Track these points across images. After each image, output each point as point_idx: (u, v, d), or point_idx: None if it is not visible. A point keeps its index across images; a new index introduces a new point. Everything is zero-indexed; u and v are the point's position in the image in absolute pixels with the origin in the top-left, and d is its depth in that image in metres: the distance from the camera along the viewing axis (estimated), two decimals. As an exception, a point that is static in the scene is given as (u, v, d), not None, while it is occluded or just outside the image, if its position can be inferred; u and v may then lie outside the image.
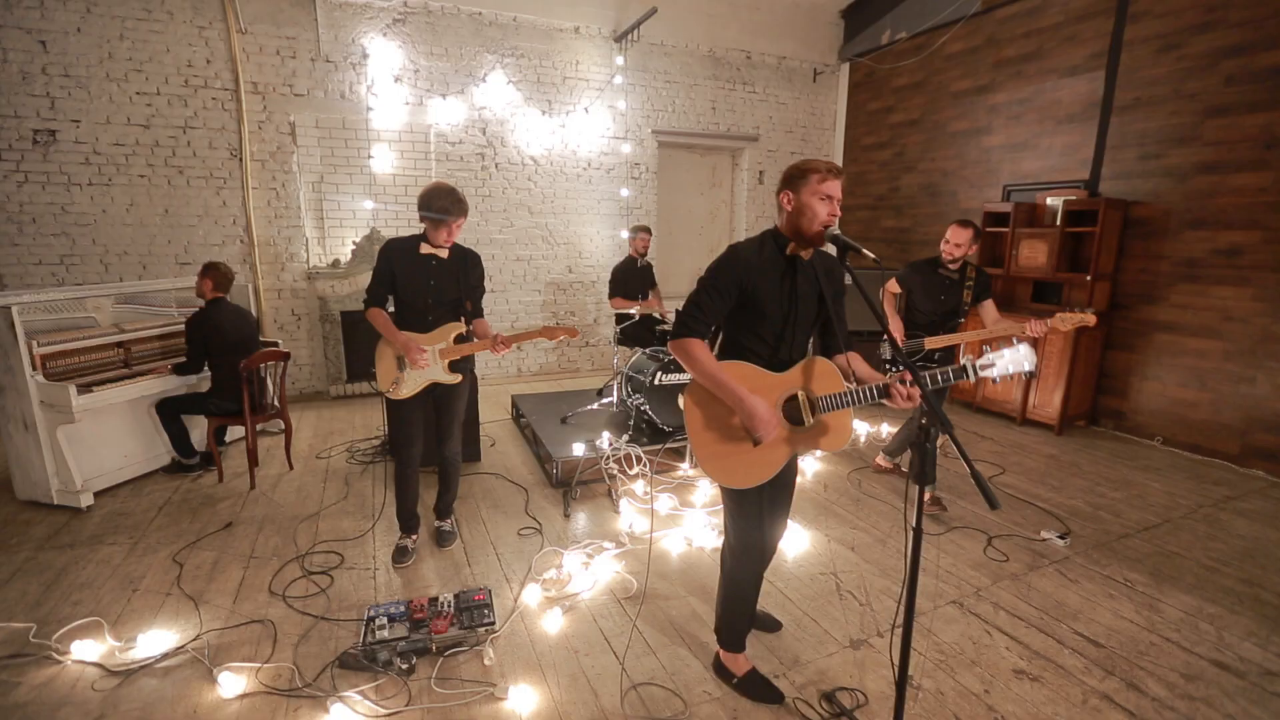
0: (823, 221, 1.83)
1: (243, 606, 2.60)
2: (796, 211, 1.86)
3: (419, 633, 2.37)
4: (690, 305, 1.90)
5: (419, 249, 2.81)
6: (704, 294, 1.89)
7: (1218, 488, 3.97)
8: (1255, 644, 2.48)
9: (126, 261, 5.08)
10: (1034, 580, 2.91)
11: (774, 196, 1.97)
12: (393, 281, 2.81)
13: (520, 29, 5.94)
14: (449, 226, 2.75)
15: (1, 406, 3.39)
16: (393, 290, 2.84)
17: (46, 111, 4.72)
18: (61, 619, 2.49)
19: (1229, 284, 4.25)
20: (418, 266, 2.81)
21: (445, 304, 2.89)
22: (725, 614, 2.20)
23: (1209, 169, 4.30)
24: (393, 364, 2.86)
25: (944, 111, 6.19)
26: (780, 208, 1.92)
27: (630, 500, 3.61)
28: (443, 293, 2.87)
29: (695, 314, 1.89)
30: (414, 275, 2.81)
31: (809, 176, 1.82)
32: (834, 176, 1.82)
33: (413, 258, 2.80)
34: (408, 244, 2.82)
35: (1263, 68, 4.01)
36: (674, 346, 1.91)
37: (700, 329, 1.88)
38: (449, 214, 2.73)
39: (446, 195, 2.72)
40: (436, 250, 2.81)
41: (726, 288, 1.88)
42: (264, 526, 3.29)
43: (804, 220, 1.85)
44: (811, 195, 1.83)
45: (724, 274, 1.88)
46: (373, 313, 2.82)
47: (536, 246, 6.41)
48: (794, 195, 1.86)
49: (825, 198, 1.82)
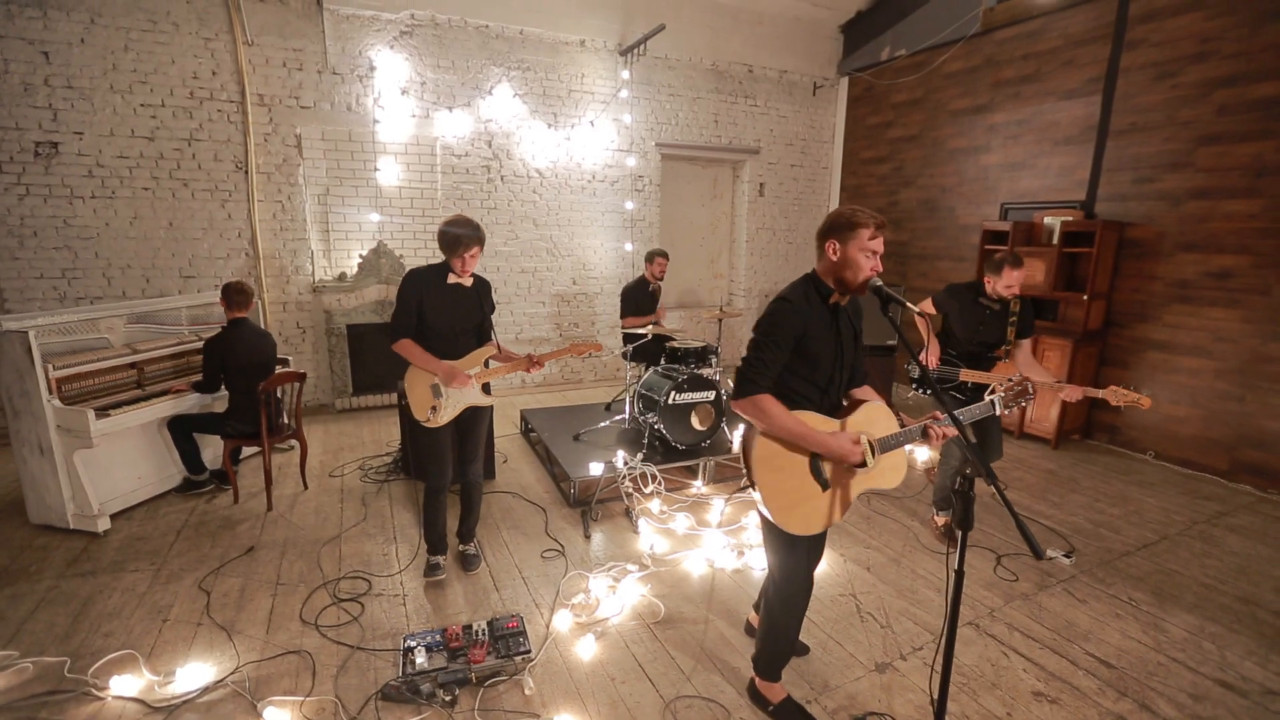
0: (865, 275, 1.90)
1: (276, 636, 2.62)
2: (841, 263, 1.92)
3: (457, 662, 2.41)
4: (753, 361, 1.94)
5: (446, 278, 2.85)
6: (764, 349, 1.93)
7: (1209, 503, 4.13)
8: (1255, 663, 2.61)
9: (130, 275, 5.02)
10: (1044, 600, 3.02)
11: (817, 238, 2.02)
12: (421, 309, 2.85)
13: (527, 42, 5.95)
14: (464, 255, 2.79)
15: (16, 431, 3.35)
16: (421, 318, 2.87)
17: (49, 123, 4.64)
18: (95, 652, 2.49)
19: (1220, 305, 4.42)
20: (445, 295, 2.86)
21: (470, 330, 2.97)
22: (767, 646, 2.25)
23: (1201, 194, 4.46)
24: (427, 392, 2.88)
25: (943, 129, 6.32)
26: (822, 253, 1.98)
27: (648, 520, 3.67)
28: (469, 319, 2.94)
29: (759, 369, 1.92)
30: (442, 304, 2.85)
31: (859, 232, 1.87)
32: (882, 233, 1.88)
33: (440, 287, 2.85)
34: (433, 273, 2.86)
35: (1254, 99, 4.17)
36: (742, 405, 1.93)
37: (766, 384, 1.92)
38: (461, 243, 2.77)
39: (460, 224, 2.78)
40: (461, 279, 2.87)
41: (785, 340, 1.93)
42: (286, 551, 3.30)
43: (848, 273, 1.92)
44: (858, 250, 1.89)
45: (782, 327, 1.92)
46: (404, 344, 2.83)
47: (541, 259, 6.43)
48: (840, 247, 1.91)
49: (871, 253, 1.89)
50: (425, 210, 5.85)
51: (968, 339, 3.36)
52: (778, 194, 7.59)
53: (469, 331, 2.96)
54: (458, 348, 2.92)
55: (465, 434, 3.03)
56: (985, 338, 3.32)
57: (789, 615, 2.18)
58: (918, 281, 6.68)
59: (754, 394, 1.92)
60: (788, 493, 1.98)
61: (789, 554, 2.10)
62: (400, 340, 2.83)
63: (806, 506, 2.01)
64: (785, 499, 1.99)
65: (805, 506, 2.00)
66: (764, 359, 1.93)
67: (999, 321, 3.29)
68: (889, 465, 2.08)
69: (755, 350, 1.95)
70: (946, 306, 3.42)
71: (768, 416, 1.90)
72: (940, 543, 3.54)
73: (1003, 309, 3.30)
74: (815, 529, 2.02)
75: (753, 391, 1.92)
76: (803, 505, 2.00)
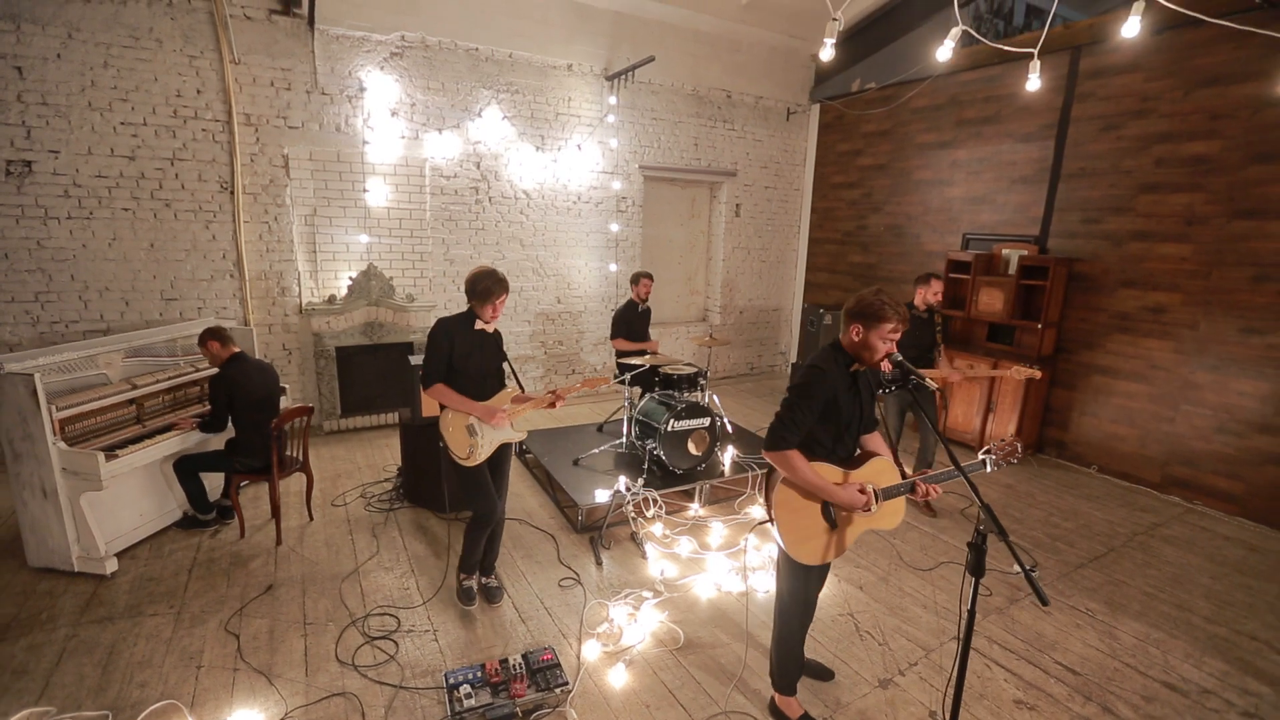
0: (880, 357, 2.21)
1: (317, 679, 2.70)
2: (862, 344, 2.23)
3: (500, 697, 2.57)
4: (786, 420, 2.20)
5: (472, 325, 3.03)
6: (797, 410, 2.19)
7: (1146, 514, 4.65)
8: (1192, 665, 3.03)
9: (108, 298, 4.86)
10: (1016, 614, 3.39)
11: (844, 315, 2.30)
12: (451, 356, 2.99)
13: (516, 65, 6.02)
14: (494, 304, 3.01)
15: (16, 474, 3.27)
16: (451, 364, 3.01)
17: (22, 141, 4.45)
18: (134, 704, 2.52)
19: (1155, 337, 4.95)
20: (474, 342, 3.04)
21: (495, 372, 3.16)
22: (779, 660, 2.55)
23: (1141, 236, 4.97)
24: (464, 434, 3.03)
25: (910, 160, 6.73)
26: (846, 331, 2.27)
27: (654, 545, 3.88)
28: (494, 362, 3.15)
29: (792, 427, 2.19)
30: (472, 350, 3.03)
31: (882, 325, 2.16)
32: (903, 326, 2.18)
33: (469, 334, 3.02)
34: (461, 322, 3.03)
35: (1186, 155, 4.69)
36: (774, 456, 2.20)
37: (795, 440, 2.20)
38: (492, 293, 2.99)
39: (490, 276, 2.99)
40: (486, 326, 3.06)
41: (816, 403, 2.21)
42: (307, 588, 3.35)
43: (866, 353, 2.23)
44: (879, 338, 2.19)
45: (815, 392, 2.20)
46: (437, 388, 2.97)
47: (527, 278, 6.53)
48: (864, 332, 2.21)
49: (889, 340, 2.19)
50: (414, 231, 5.86)
51: (910, 343, 4.25)
52: (753, 214, 7.90)
53: (494, 374, 3.16)
54: (485, 390, 3.10)
55: (495, 469, 3.20)
56: (919, 340, 4.29)
57: (796, 631, 2.49)
58: (885, 303, 7.10)
59: (785, 449, 2.19)
60: (802, 529, 2.29)
61: (798, 580, 2.42)
62: (434, 385, 2.97)
63: (817, 541, 2.32)
64: (799, 534, 2.30)
65: (816, 541, 2.32)
66: (796, 419, 2.20)
67: (929, 327, 4.34)
68: (889, 510, 2.41)
69: (789, 409, 2.22)
70: None
71: (794, 470, 2.19)
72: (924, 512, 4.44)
73: (929, 317, 4.34)
74: (817, 561, 2.34)
75: (784, 446, 2.20)
76: (814, 540, 2.31)
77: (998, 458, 2.37)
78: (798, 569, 2.38)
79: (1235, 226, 4.47)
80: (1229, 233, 4.51)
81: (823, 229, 7.94)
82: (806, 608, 2.50)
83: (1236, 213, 4.47)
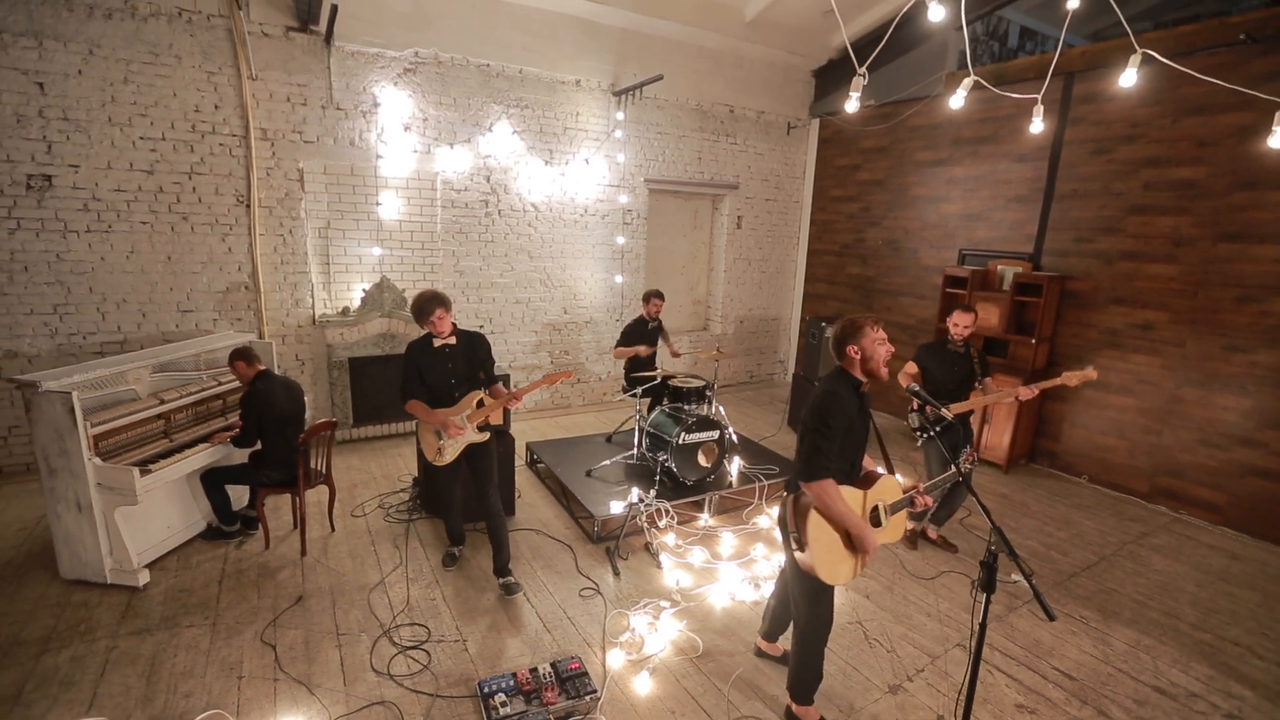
0: (884, 359, 2.41)
1: (356, 688, 2.81)
2: (865, 357, 2.42)
3: (534, 705, 2.70)
4: (815, 451, 2.35)
5: (433, 344, 3.40)
6: (825, 439, 2.34)
7: (1134, 524, 4.86)
8: (1180, 670, 3.22)
9: (125, 310, 4.92)
10: (1014, 621, 3.57)
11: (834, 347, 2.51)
12: (420, 373, 3.39)
13: (526, 81, 6.14)
14: (433, 320, 3.34)
15: (51, 489, 3.35)
16: (421, 380, 3.41)
17: (43, 156, 4.51)
18: (181, 715, 2.62)
19: (1143, 353, 5.16)
20: (435, 357, 3.44)
21: (464, 381, 3.52)
22: (799, 673, 2.68)
23: (1130, 256, 5.18)
24: (433, 438, 3.50)
25: (907, 177, 6.93)
26: (845, 356, 2.46)
27: (668, 554, 4.02)
28: (460, 373, 3.49)
29: (825, 457, 2.34)
30: (434, 365, 3.44)
31: (864, 330, 2.39)
32: (880, 325, 2.42)
33: (429, 351, 3.43)
34: (424, 343, 3.45)
35: (1174, 179, 4.90)
36: (811, 486, 2.34)
37: (831, 468, 2.35)
38: (427, 311, 3.33)
39: (423, 297, 3.35)
40: (446, 340, 3.42)
41: (840, 429, 2.36)
42: (336, 599, 3.45)
43: (872, 363, 2.42)
44: (871, 342, 2.39)
45: (835, 419, 2.35)
46: (411, 404, 3.43)
47: (535, 289, 6.64)
48: (858, 346, 2.41)
49: (881, 341, 2.39)
50: (425, 244, 5.96)
51: (946, 379, 4.09)
52: (753, 226, 8.06)
53: (466, 381, 3.52)
54: (455, 398, 3.50)
55: (475, 469, 3.57)
56: (959, 375, 4.09)
57: (817, 646, 2.64)
58: (883, 315, 7.30)
59: (822, 479, 2.34)
60: (830, 552, 2.44)
61: (821, 598, 2.56)
62: (409, 401, 3.40)
63: (846, 564, 2.48)
64: (827, 557, 2.44)
65: (846, 564, 2.48)
66: (824, 447, 2.35)
67: (965, 360, 4.13)
68: (895, 524, 2.61)
69: (817, 439, 2.36)
70: (924, 361, 4.19)
71: (830, 500, 2.34)
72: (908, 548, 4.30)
73: (965, 351, 4.14)
74: (844, 580, 2.50)
75: (822, 476, 2.34)
76: (839, 563, 2.47)
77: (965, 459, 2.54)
78: (821, 590, 2.51)
79: (1220, 249, 4.69)
80: (1214, 255, 4.73)
81: (821, 241, 8.13)
82: (827, 623, 2.62)
83: (1221, 236, 4.68)
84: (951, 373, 4.09)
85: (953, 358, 4.12)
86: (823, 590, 2.52)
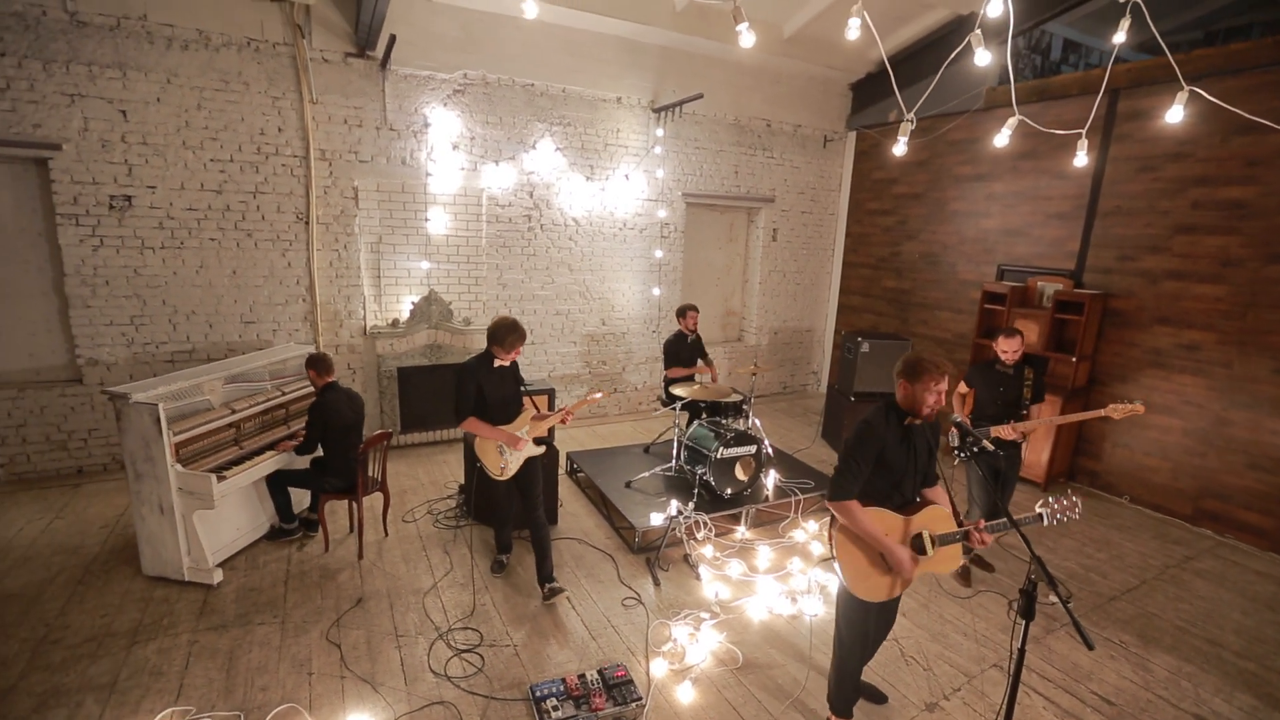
0: (930, 407, 2.47)
1: (416, 688, 3.00)
2: (911, 398, 2.49)
3: (583, 710, 2.84)
4: (844, 473, 2.47)
5: (493, 364, 3.65)
6: (852, 462, 2.47)
7: (1177, 547, 4.80)
8: (1223, 699, 3.21)
9: (194, 321, 5.24)
10: (1052, 643, 3.59)
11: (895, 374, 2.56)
12: (481, 392, 3.59)
13: (568, 99, 6.32)
14: (516, 348, 3.63)
15: (137, 492, 3.62)
16: (482, 398, 3.61)
17: (124, 178, 4.84)
18: (259, 706, 2.83)
19: (1188, 373, 5.09)
20: (496, 377, 3.65)
21: (517, 399, 3.78)
22: (837, 685, 2.80)
23: (1176, 276, 5.12)
24: (496, 454, 3.68)
25: (946, 191, 6.91)
26: (897, 387, 2.54)
27: (707, 566, 4.14)
28: (514, 391, 3.77)
29: (850, 479, 2.46)
30: (495, 385, 3.66)
31: (926, 380, 2.43)
32: (947, 379, 2.44)
33: (490, 371, 3.65)
34: (483, 363, 3.64)
35: (1222, 199, 4.84)
36: (836, 505, 2.47)
37: (855, 490, 2.46)
38: (514, 344, 3.60)
39: (513, 330, 3.57)
40: (504, 362, 3.66)
41: (869, 456, 2.48)
42: (394, 602, 3.65)
43: (916, 406, 2.49)
44: (925, 391, 2.45)
45: (867, 446, 2.47)
46: (470, 421, 3.58)
47: (574, 301, 6.82)
48: (909, 387, 2.48)
49: (937, 393, 2.45)
50: (470, 257, 6.18)
51: (992, 399, 4.03)
52: (789, 239, 8.12)
53: (517, 400, 3.81)
54: (509, 414, 3.75)
55: (528, 481, 3.77)
56: (1007, 396, 4.00)
57: (854, 661, 2.73)
58: (919, 329, 7.29)
59: (844, 499, 2.46)
60: (860, 568, 2.54)
61: (856, 614, 2.65)
62: (467, 419, 3.56)
63: (873, 580, 2.56)
64: (858, 572, 2.54)
65: (872, 580, 2.56)
66: (851, 470, 2.48)
67: (1016, 382, 4.01)
68: (946, 555, 2.63)
69: (846, 463, 2.49)
70: (974, 381, 4.16)
71: (853, 518, 2.46)
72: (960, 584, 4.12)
73: (1017, 372, 4.00)
74: (878, 598, 2.57)
75: (844, 496, 2.46)
76: (871, 579, 2.55)
77: (1055, 511, 2.56)
78: (856, 604, 2.61)
79: (1270, 270, 4.62)
80: (1264, 276, 4.65)
81: (857, 253, 8.14)
82: (864, 641, 2.72)
83: (1272, 257, 4.61)
84: (997, 393, 4.02)
85: (1000, 378, 4.03)
86: (860, 607, 2.61)
